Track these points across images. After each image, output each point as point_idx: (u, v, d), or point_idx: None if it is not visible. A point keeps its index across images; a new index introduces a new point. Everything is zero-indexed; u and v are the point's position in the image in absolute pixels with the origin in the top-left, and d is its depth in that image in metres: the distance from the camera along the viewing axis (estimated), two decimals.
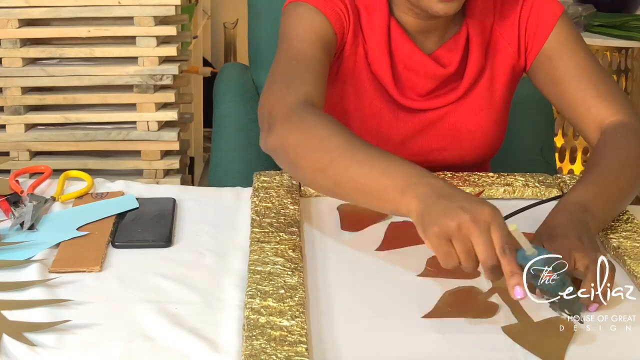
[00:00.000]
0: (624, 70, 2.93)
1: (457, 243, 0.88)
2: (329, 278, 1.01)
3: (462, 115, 1.32)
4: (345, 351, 0.86)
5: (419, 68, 1.28)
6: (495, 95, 1.33)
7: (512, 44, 1.31)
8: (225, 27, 3.52)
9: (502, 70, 1.32)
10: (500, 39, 1.31)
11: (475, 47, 1.29)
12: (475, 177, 1.27)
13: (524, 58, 1.32)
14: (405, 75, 1.29)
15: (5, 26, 1.90)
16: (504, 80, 1.33)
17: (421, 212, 0.91)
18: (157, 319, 0.91)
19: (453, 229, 0.88)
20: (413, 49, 1.28)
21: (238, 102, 1.72)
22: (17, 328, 0.88)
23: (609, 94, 1.25)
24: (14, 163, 1.94)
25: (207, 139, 3.18)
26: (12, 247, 1.05)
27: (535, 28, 1.30)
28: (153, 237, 1.09)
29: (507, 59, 1.32)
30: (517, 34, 1.31)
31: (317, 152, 1.02)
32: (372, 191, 0.97)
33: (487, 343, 0.88)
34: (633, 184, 1.14)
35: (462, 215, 0.87)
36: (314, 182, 1.06)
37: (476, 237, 0.87)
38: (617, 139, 1.19)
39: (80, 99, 1.97)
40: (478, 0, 1.29)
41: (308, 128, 1.05)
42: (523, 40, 1.31)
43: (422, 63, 1.28)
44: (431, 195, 0.91)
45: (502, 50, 1.32)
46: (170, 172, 2.03)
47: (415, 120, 1.32)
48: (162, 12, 1.92)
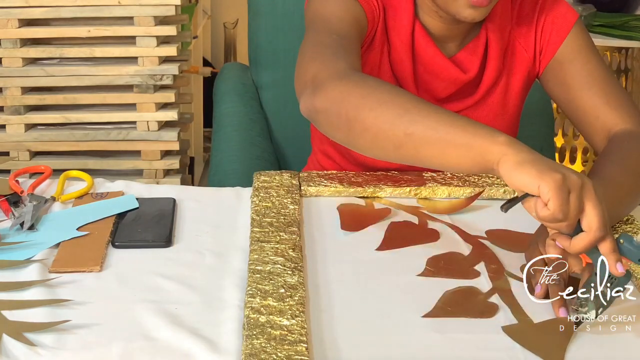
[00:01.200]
0: (624, 70, 2.93)
1: (575, 199, 0.87)
2: (329, 277, 1.01)
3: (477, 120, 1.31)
4: (345, 351, 0.87)
5: (440, 72, 1.28)
6: (509, 101, 1.33)
7: (529, 49, 1.32)
8: (225, 27, 3.52)
9: (518, 76, 1.33)
10: (517, 44, 1.32)
11: (494, 52, 1.29)
12: (475, 177, 1.27)
13: (538, 63, 1.32)
14: (426, 78, 1.29)
15: (5, 26, 1.90)
16: (519, 86, 1.33)
17: (528, 158, 0.88)
18: (157, 319, 0.91)
19: (576, 183, 0.87)
20: (435, 52, 1.27)
21: (238, 102, 1.72)
22: (17, 328, 0.88)
23: (619, 102, 1.25)
24: (14, 163, 1.94)
25: (207, 139, 3.19)
26: (12, 247, 1.05)
27: (550, 34, 1.30)
28: (153, 237, 1.09)
29: (523, 64, 1.32)
30: (533, 39, 1.31)
31: (385, 104, 0.97)
32: (453, 138, 0.93)
33: (487, 343, 0.88)
34: (637, 191, 1.13)
35: (583, 178, 0.88)
36: (377, 137, 0.98)
37: (593, 203, 0.87)
38: (624, 146, 1.19)
39: (80, 99, 1.97)
40: (498, 4, 1.28)
41: (371, 85, 1.00)
42: (538, 45, 1.31)
43: (444, 67, 1.28)
44: (528, 149, 0.90)
45: (519, 55, 1.32)
46: (170, 172, 2.03)
47: None
48: (162, 12, 1.92)
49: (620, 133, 1.22)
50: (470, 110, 1.32)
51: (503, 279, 1.01)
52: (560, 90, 1.30)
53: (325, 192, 1.23)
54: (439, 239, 1.11)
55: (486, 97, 1.32)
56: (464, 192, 1.24)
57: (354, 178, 1.26)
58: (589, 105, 1.26)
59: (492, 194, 1.24)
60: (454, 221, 1.16)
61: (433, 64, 1.28)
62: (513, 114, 1.35)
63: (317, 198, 1.23)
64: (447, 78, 1.29)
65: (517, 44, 1.32)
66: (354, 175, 1.27)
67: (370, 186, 1.24)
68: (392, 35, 1.27)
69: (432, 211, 1.19)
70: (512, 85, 1.33)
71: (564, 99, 1.30)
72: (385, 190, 1.23)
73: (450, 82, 1.29)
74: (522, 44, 1.32)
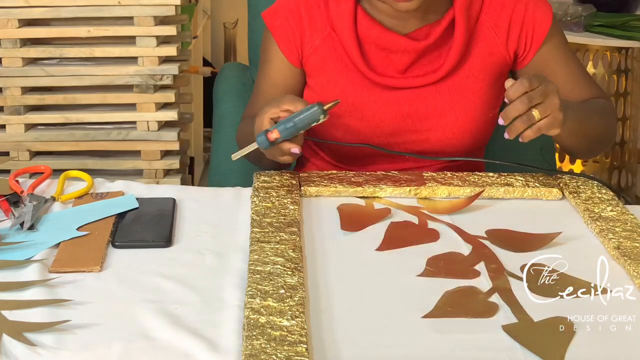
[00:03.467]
0: (624, 70, 2.93)
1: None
2: (329, 278, 1.01)
3: (444, 97, 1.35)
4: (345, 351, 0.86)
5: (391, 45, 1.34)
6: (479, 82, 1.35)
7: (501, 35, 1.35)
8: (225, 27, 3.52)
9: (488, 59, 1.35)
10: (487, 28, 1.35)
11: (460, 32, 1.32)
12: (475, 177, 1.27)
13: (513, 54, 1.36)
14: (380, 54, 1.35)
15: (5, 26, 1.90)
16: (491, 68, 1.36)
17: None
18: (157, 319, 0.91)
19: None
20: (382, 29, 1.34)
21: (238, 102, 1.72)
22: (17, 328, 0.88)
23: (590, 88, 1.38)
24: (14, 163, 1.94)
25: (207, 139, 3.19)
26: (12, 247, 1.05)
27: (533, 31, 1.35)
28: (153, 237, 1.09)
29: (494, 48, 1.35)
30: (507, 28, 1.35)
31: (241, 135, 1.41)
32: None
33: (487, 343, 0.88)
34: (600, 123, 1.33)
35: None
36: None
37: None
38: (596, 99, 1.37)
39: (80, 99, 1.96)
40: None
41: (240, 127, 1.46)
42: (515, 38, 1.35)
43: (394, 40, 1.33)
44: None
45: (489, 40, 1.35)
46: (170, 172, 2.03)
47: (395, 97, 1.35)
48: (162, 12, 1.92)
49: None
50: (436, 86, 1.35)
51: (503, 278, 1.01)
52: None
53: (325, 192, 1.23)
54: (439, 239, 1.11)
55: (451, 74, 1.35)
56: (464, 192, 1.24)
57: (354, 178, 1.26)
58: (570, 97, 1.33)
59: (492, 193, 1.24)
60: (454, 221, 1.16)
61: (381, 39, 1.34)
62: (486, 96, 1.36)
63: (317, 198, 1.23)
64: (399, 49, 1.33)
65: (488, 29, 1.35)
66: (354, 176, 1.27)
67: (370, 186, 1.24)
68: (336, 25, 1.35)
69: (432, 211, 1.19)
70: (483, 67, 1.35)
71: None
72: (385, 190, 1.23)
73: (403, 52, 1.33)
74: (492, 28, 1.35)
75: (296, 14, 1.38)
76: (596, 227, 1.13)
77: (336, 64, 1.37)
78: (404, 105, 1.35)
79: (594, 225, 1.14)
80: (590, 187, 1.26)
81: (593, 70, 2.92)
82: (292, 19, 1.38)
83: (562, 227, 1.13)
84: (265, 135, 1.18)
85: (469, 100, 1.34)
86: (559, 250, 1.07)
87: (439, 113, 1.34)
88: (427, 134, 1.35)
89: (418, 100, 1.34)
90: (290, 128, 1.17)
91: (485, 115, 1.36)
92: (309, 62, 1.39)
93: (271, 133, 1.17)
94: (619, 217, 1.15)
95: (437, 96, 1.34)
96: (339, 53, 1.36)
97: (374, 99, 1.35)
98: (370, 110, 1.35)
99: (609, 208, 1.18)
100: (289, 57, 1.40)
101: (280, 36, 1.40)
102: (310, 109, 1.17)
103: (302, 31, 1.38)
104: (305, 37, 1.38)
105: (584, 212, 1.18)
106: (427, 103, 1.34)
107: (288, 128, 1.17)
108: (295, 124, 1.17)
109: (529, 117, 1.14)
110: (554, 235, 1.11)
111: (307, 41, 1.38)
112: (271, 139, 1.17)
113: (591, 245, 1.11)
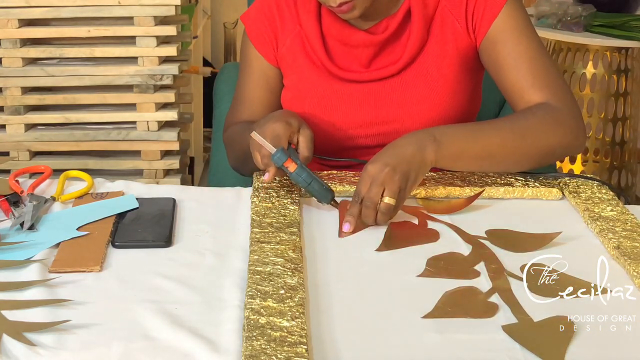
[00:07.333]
0: (624, 70, 2.93)
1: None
2: (329, 278, 1.01)
3: (409, 86, 1.36)
4: (345, 352, 0.86)
5: (352, 40, 1.36)
6: (444, 67, 1.36)
7: (460, 20, 1.35)
8: (225, 27, 3.53)
9: (451, 45, 1.36)
10: (447, 14, 1.36)
11: (417, 20, 1.34)
12: (475, 177, 1.27)
13: (473, 38, 1.36)
14: (343, 50, 1.38)
15: (5, 26, 1.90)
16: (454, 53, 1.36)
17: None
18: (157, 319, 0.91)
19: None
20: (343, 25, 1.36)
21: None
22: (17, 328, 0.88)
23: (545, 82, 1.30)
24: (14, 163, 1.94)
25: (207, 139, 3.19)
26: (12, 247, 1.05)
27: (483, 12, 1.34)
28: (153, 237, 1.09)
29: (456, 35, 1.36)
30: (464, 12, 1.35)
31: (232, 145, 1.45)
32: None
33: (487, 343, 0.88)
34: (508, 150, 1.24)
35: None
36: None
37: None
38: (524, 111, 1.28)
39: (80, 99, 1.97)
40: None
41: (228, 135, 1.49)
42: (470, 21, 1.35)
43: (354, 35, 1.36)
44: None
45: (449, 25, 1.36)
46: (170, 172, 2.03)
47: (361, 91, 1.37)
48: (162, 12, 1.92)
49: (534, 105, 1.28)
50: (399, 76, 1.36)
51: (503, 278, 1.01)
52: (493, 69, 1.35)
53: None
54: (439, 239, 1.11)
55: (414, 62, 1.36)
56: (464, 192, 1.24)
57: (354, 178, 1.26)
58: (517, 86, 1.31)
59: (492, 193, 1.24)
60: (453, 221, 1.16)
61: (342, 34, 1.36)
62: (454, 83, 1.36)
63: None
64: (360, 43, 1.36)
65: (448, 15, 1.36)
66: (354, 176, 1.27)
67: None
68: (303, 24, 1.38)
69: (432, 211, 1.19)
70: (446, 54, 1.36)
71: (495, 78, 1.35)
72: None
73: (365, 46, 1.36)
74: (453, 14, 1.36)
75: (269, 15, 1.42)
76: (596, 227, 1.13)
77: (305, 61, 1.40)
78: (370, 98, 1.37)
79: (593, 225, 1.14)
80: (590, 187, 1.26)
81: (593, 70, 2.92)
82: (266, 20, 1.42)
83: (562, 227, 1.13)
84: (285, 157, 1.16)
85: (434, 87, 1.35)
86: (559, 250, 1.07)
87: (406, 102, 1.36)
88: (397, 124, 1.36)
89: (385, 91, 1.36)
90: (302, 178, 1.16)
91: (455, 101, 1.36)
92: (282, 61, 1.42)
93: (291, 163, 1.16)
94: (619, 217, 1.15)
95: (403, 86, 1.36)
96: (307, 51, 1.39)
97: (341, 93, 1.37)
98: (339, 105, 1.37)
99: (609, 208, 1.18)
100: (267, 57, 1.43)
101: (256, 38, 1.43)
102: (325, 193, 1.17)
103: (276, 31, 1.42)
104: (279, 37, 1.42)
105: (584, 212, 1.18)
106: (393, 94, 1.36)
107: (302, 176, 1.16)
108: (307, 182, 1.16)
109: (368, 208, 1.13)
110: (554, 235, 1.11)
111: (281, 40, 1.42)
112: (286, 164, 1.16)
113: (591, 245, 1.11)
